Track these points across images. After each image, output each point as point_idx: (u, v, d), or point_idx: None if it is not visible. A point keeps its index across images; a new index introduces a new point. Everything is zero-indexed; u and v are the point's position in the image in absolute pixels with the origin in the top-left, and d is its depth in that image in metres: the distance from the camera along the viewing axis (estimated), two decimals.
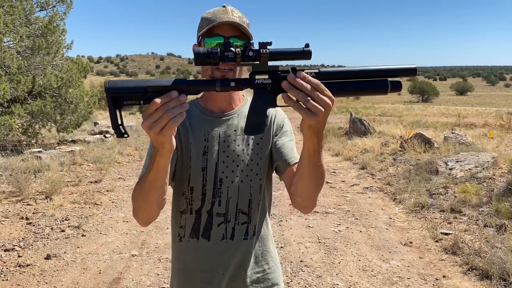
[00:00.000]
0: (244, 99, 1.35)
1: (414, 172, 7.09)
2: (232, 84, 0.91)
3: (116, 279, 3.61)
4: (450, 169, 6.79)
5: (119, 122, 0.90)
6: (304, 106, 0.88)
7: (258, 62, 0.90)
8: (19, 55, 8.64)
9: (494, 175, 6.22)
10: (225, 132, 1.27)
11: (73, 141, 10.19)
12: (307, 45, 0.90)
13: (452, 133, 9.91)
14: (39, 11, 9.38)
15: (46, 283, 3.52)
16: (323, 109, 0.88)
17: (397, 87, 0.95)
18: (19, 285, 3.48)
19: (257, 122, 0.95)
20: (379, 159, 8.82)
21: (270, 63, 0.92)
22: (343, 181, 7.39)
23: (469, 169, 6.60)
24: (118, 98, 0.89)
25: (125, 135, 0.91)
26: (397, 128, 12.05)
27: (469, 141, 9.19)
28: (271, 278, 1.34)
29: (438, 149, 8.49)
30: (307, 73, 0.90)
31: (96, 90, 13.15)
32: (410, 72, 0.95)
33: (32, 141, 9.79)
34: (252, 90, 0.96)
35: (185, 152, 1.26)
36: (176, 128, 0.90)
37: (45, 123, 9.52)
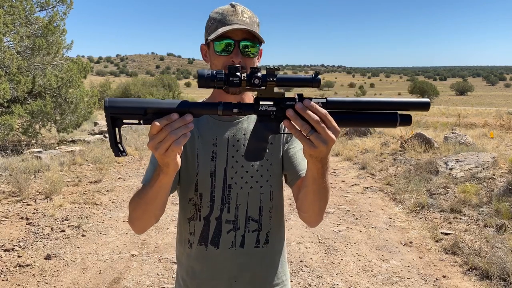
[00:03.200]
0: None
1: (414, 172, 7.09)
2: (235, 110, 0.89)
3: (116, 279, 3.61)
4: (450, 169, 6.79)
5: (118, 141, 0.89)
6: (306, 137, 0.86)
7: (264, 88, 0.88)
8: (19, 55, 8.64)
9: (494, 175, 6.21)
10: (234, 136, 1.23)
11: (73, 141, 10.20)
12: (316, 74, 0.88)
13: (452, 133, 9.92)
14: (39, 11, 9.38)
15: (46, 283, 3.52)
16: (325, 144, 0.86)
17: (406, 121, 0.91)
18: (19, 285, 3.47)
19: (258, 149, 0.94)
20: (379, 159, 8.82)
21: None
22: (343, 181, 7.39)
23: (469, 169, 6.60)
24: (117, 117, 0.87)
25: (123, 154, 0.89)
26: (397, 128, 12.04)
27: (469, 141, 9.19)
28: None
29: (438, 149, 8.49)
30: (314, 101, 0.87)
31: (96, 90, 13.15)
32: (422, 106, 0.91)
33: (32, 141, 9.79)
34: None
35: (191, 158, 1.22)
36: (181, 149, 0.88)
37: (45, 123, 9.52)
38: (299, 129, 0.87)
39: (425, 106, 0.91)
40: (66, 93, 9.56)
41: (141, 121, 0.88)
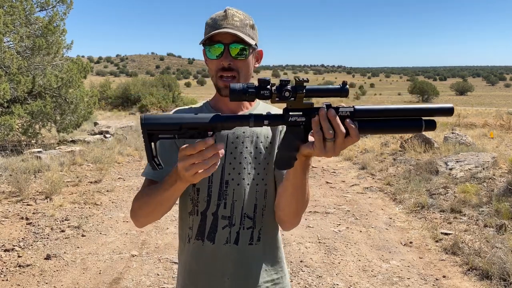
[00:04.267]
0: (256, 103, 1.34)
1: (414, 172, 7.09)
2: (266, 122, 0.92)
3: (116, 279, 3.61)
4: (450, 169, 6.79)
5: (154, 155, 0.92)
6: (323, 141, 0.89)
7: (293, 99, 0.90)
8: (19, 55, 8.64)
9: (494, 175, 6.22)
10: (234, 134, 1.26)
11: (73, 141, 10.20)
12: (344, 83, 0.90)
13: (452, 133, 9.92)
14: (39, 11, 9.39)
15: (46, 283, 3.52)
16: (334, 154, 0.90)
17: (431, 126, 0.93)
18: (19, 285, 3.47)
19: (289, 157, 0.97)
20: (379, 159, 8.82)
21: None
22: (343, 181, 7.39)
23: (469, 169, 6.60)
24: (153, 133, 0.91)
25: (160, 167, 0.93)
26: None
27: (469, 141, 9.19)
28: None
29: (438, 149, 8.49)
30: (342, 110, 0.89)
31: (96, 90, 13.16)
32: (446, 111, 0.93)
33: (32, 141, 9.79)
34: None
35: None
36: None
37: (45, 123, 9.53)
38: (323, 131, 0.89)
39: (449, 112, 0.92)
40: (66, 93, 9.56)
41: (176, 136, 0.91)
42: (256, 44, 1.24)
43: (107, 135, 11.32)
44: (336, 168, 8.50)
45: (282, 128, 1.29)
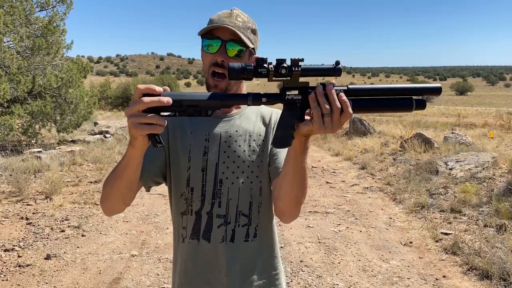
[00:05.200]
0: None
1: (414, 172, 7.09)
2: (264, 99, 0.95)
3: (116, 279, 3.61)
4: (450, 169, 6.79)
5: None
6: (321, 117, 0.90)
7: (289, 78, 0.93)
8: (19, 55, 8.64)
9: (494, 175, 6.22)
10: (227, 132, 1.26)
11: (73, 141, 10.20)
12: (337, 63, 0.92)
13: (452, 133, 9.92)
14: (39, 11, 9.39)
15: (46, 283, 3.52)
16: (333, 130, 0.91)
17: (421, 105, 0.96)
18: (19, 285, 3.48)
19: (285, 136, 0.98)
20: (379, 159, 8.82)
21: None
22: (343, 181, 7.39)
23: (469, 169, 6.60)
24: (155, 109, 0.91)
25: (160, 144, 0.94)
26: (397, 128, 12.06)
27: (469, 141, 9.20)
28: (277, 284, 1.33)
29: (438, 149, 8.50)
30: (336, 89, 0.92)
31: (96, 90, 13.16)
32: (435, 91, 0.96)
33: (32, 141, 9.79)
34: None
35: (183, 153, 1.25)
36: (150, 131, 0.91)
37: (45, 123, 9.53)
38: (320, 106, 0.90)
39: (437, 91, 0.96)
40: (66, 93, 9.57)
41: (177, 113, 0.93)
42: (254, 49, 1.25)
43: (107, 135, 11.32)
44: (336, 168, 8.50)
45: (274, 125, 1.30)
